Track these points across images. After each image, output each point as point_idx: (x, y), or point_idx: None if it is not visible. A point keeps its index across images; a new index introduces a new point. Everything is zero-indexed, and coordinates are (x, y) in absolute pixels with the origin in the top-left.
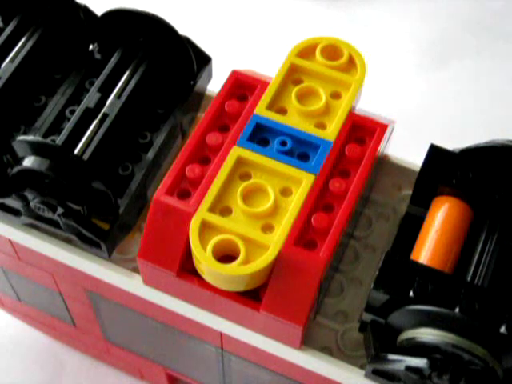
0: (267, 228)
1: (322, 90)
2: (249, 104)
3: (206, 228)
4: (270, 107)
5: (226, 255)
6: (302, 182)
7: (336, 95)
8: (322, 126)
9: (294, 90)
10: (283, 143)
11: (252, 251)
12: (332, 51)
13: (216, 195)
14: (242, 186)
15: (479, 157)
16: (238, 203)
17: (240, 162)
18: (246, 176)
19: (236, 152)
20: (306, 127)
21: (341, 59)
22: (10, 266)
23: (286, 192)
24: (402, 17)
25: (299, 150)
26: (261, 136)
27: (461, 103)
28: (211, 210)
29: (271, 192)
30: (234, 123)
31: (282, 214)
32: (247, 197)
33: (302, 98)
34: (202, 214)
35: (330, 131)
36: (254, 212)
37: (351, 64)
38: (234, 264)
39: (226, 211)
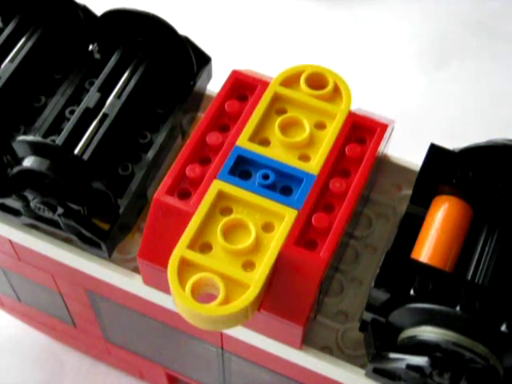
0: (248, 265)
1: (306, 121)
2: (248, 106)
3: (184, 266)
4: (252, 138)
5: (206, 294)
6: (285, 218)
7: (320, 125)
8: (305, 158)
9: (278, 121)
10: (265, 177)
11: (232, 290)
12: (317, 80)
13: (196, 231)
14: (222, 221)
15: (479, 156)
16: (218, 239)
17: (221, 196)
18: (226, 210)
19: (217, 186)
20: (290, 159)
21: (326, 88)
22: (10, 266)
23: (267, 228)
24: (402, 17)
25: (282, 183)
26: (242, 169)
27: (461, 103)
28: (190, 246)
29: (252, 228)
30: (234, 123)
31: (264, 251)
32: (228, 233)
33: (286, 128)
34: (180, 251)
35: (314, 164)
36: (234, 249)
37: (336, 93)
38: (213, 304)
39: (205, 248)
